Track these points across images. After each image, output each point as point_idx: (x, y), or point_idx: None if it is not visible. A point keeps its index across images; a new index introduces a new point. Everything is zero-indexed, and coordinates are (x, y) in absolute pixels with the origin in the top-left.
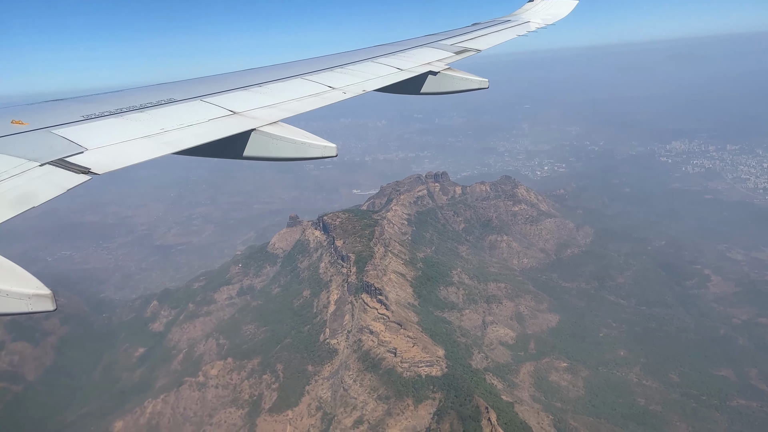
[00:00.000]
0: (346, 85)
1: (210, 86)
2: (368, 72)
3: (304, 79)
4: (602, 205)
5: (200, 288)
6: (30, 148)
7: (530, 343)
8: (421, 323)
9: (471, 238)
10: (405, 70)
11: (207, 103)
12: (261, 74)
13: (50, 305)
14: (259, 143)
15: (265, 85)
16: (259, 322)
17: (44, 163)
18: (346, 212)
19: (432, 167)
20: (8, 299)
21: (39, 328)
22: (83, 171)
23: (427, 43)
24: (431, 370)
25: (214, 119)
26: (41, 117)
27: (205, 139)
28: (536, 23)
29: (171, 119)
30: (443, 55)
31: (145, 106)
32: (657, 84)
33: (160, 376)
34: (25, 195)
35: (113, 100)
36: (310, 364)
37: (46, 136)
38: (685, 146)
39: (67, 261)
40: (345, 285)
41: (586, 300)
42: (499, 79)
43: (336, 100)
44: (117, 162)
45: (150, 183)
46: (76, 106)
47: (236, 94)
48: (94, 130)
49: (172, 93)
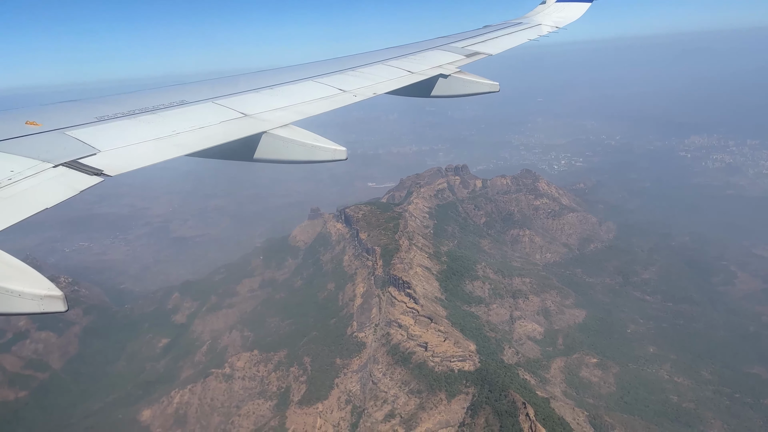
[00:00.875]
0: (357, 88)
1: (221, 88)
2: (379, 75)
3: (315, 81)
4: (622, 199)
5: (222, 280)
6: (44, 149)
7: (558, 339)
8: (450, 317)
9: (492, 232)
10: (415, 73)
11: (218, 105)
12: (272, 76)
13: (61, 306)
14: (270, 146)
15: (276, 87)
16: (284, 314)
17: (58, 164)
18: (368, 205)
19: (446, 160)
20: (21, 300)
21: (63, 318)
22: (96, 173)
23: (437, 45)
24: (464, 364)
25: (226, 121)
26: (55, 118)
27: (216, 141)
28: (548, 26)
29: (183, 121)
30: (454, 58)
31: (157, 108)
32: (672, 78)
33: (184, 366)
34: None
35: (126, 102)
36: (338, 358)
37: (59, 137)
38: (704, 141)
39: (84, 252)
40: (371, 278)
41: (611, 296)
42: (510, 72)
43: (347, 103)
44: (129, 164)
45: (163, 175)
46: (89, 108)
47: (247, 96)
48: (106, 131)
49: (184, 95)
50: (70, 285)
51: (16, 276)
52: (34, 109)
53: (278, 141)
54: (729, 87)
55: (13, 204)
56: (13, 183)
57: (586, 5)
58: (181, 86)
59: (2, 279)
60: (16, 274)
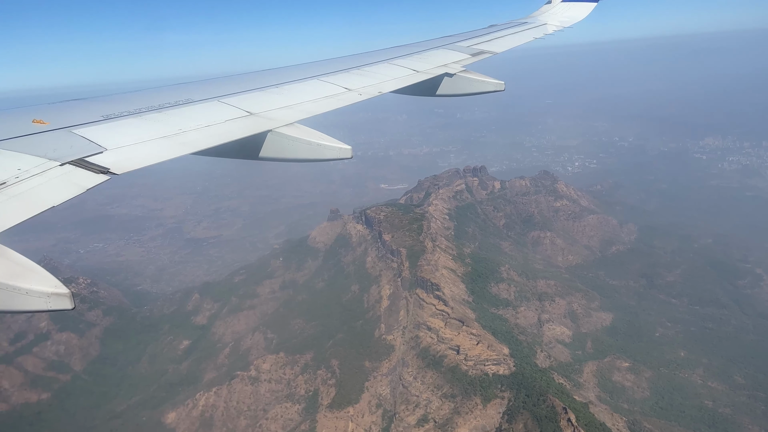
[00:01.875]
0: (362, 87)
1: (227, 87)
2: (384, 73)
3: (321, 80)
4: (640, 201)
5: (242, 281)
6: (50, 147)
7: (587, 342)
8: (479, 320)
9: (513, 234)
10: (421, 72)
11: (224, 104)
12: (278, 75)
13: (68, 304)
14: (275, 144)
15: (282, 86)
16: (307, 316)
17: (64, 162)
18: (389, 206)
19: (458, 162)
20: (28, 297)
21: (83, 320)
22: (102, 171)
23: (443, 45)
24: (498, 368)
25: (231, 120)
26: (62, 116)
27: (222, 140)
28: (553, 26)
29: (189, 120)
30: (459, 57)
31: (163, 107)
32: (681, 79)
33: (207, 369)
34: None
35: (132, 100)
36: (367, 360)
37: (66, 135)
38: (719, 142)
39: (99, 253)
40: (398, 280)
41: (636, 299)
42: (518, 74)
43: (352, 101)
44: (135, 162)
45: (175, 176)
46: (95, 106)
47: (253, 95)
48: (113, 130)
49: (189, 93)
50: (89, 286)
51: (23, 274)
52: (41, 108)
53: (284, 139)
54: (738, 88)
55: (21, 202)
56: (21, 181)
57: (592, 5)
58: (186, 85)
59: (10, 277)
60: (24, 272)
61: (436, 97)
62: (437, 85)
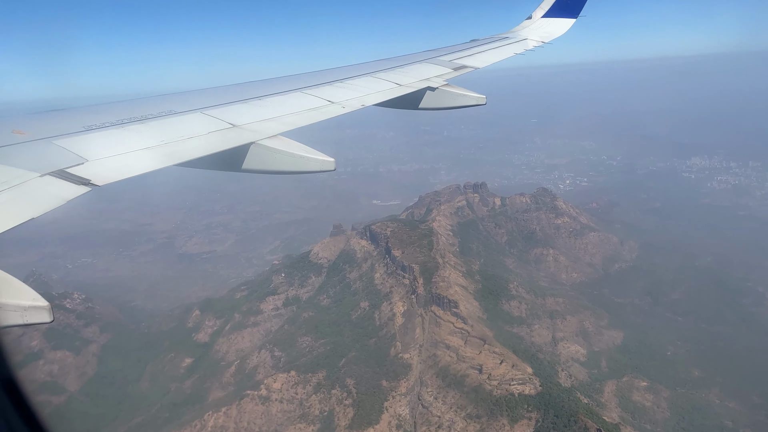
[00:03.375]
0: (346, 100)
1: (210, 98)
2: (367, 87)
3: (304, 93)
4: (636, 219)
5: (243, 298)
6: (30, 158)
7: (602, 361)
8: (497, 338)
9: (515, 251)
10: (404, 85)
11: (207, 116)
12: (261, 87)
13: (47, 317)
14: (259, 156)
15: (265, 98)
16: (316, 334)
17: (44, 173)
18: (394, 221)
19: (449, 179)
20: (4, 312)
21: (79, 337)
22: (83, 182)
23: (425, 59)
24: (524, 388)
25: (214, 132)
26: (42, 127)
27: (205, 151)
28: (534, 41)
29: (172, 131)
30: (441, 71)
31: (146, 118)
32: (662, 100)
33: (212, 387)
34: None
35: (114, 111)
36: (384, 380)
37: (46, 146)
38: (706, 162)
39: (88, 268)
40: (412, 297)
41: (642, 317)
42: (503, 93)
43: (335, 114)
44: (117, 174)
45: (163, 191)
46: (77, 117)
47: (236, 107)
48: (95, 141)
49: (172, 105)
50: (84, 302)
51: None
52: (22, 118)
53: (266, 151)
54: (717, 109)
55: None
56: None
57: (571, 21)
58: (169, 96)
59: None
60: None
61: (419, 110)
62: (420, 98)
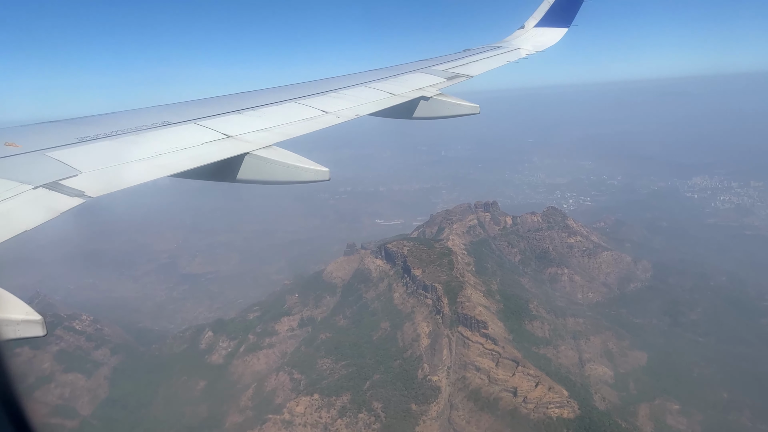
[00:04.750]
0: (339, 110)
1: (204, 109)
2: (361, 96)
3: (298, 103)
4: (645, 238)
5: (257, 318)
6: (23, 170)
7: (629, 383)
8: (528, 360)
9: (529, 271)
10: (397, 95)
11: (201, 127)
12: (254, 98)
13: (40, 331)
14: (253, 167)
15: (259, 108)
16: (336, 355)
17: (37, 186)
18: (410, 240)
19: (451, 198)
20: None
21: (90, 359)
22: (77, 194)
23: (419, 68)
24: (562, 411)
25: (208, 142)
26: (35, 139)
27: (199, 162)
28: (527, 50)
29: (165, 142)
30: (435, 80)
31: (139, 129)
32: (655, 121)
33: (229, 411)
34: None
35: (108, 123)
36: (413, 403)
37: (39, 158)
38: (707, 182)
39: (91, 289)
40: (437, 317)
41: (663, 337)
42: (497, 114)
43: (329, 124)
44: (111, 185)
45: (161, 210)
46: (70, 129)
47: (230, 118)
48: (88, 152)
49: (166, 116)
50: (93, 323)
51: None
52: (14, 130)
53: (261, 162)
54: (711, 130)
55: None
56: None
57: (563, 30)
58: (163, 107)
59: None
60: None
61: (413, 119)
62: (414, 108)
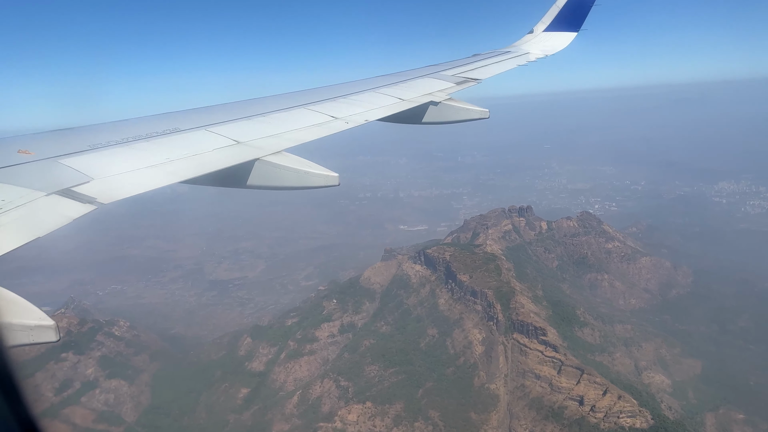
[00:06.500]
0: (349, 115)
1: (214, 116)
2: (370, 102)
3: (307, 108)
4: (679, 243)
5: (295, 325)
6: (36, 177)
7: (688, 392)
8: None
9: (567, 276)
10: (407, 100)
11: (212, 133)
12: (264, 104)
13: (53, 336)
14: (263, 172)
15: (269, 114)
16: (383, 362)
17: (50, 193)
18: (450, 246)
19: (473, 204)
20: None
21: (130, 365)
22: (89, 201)
23: (428, 73)
24: (634, 421)
25: (219, 149)
26: (48, 147)
27: (209, 168)
28: (536, 54)
29: (176, 148)
30: (444, 85)
31: (150, 136)
32: (673, 126)
33: (275, 419)
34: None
35: (119, 130)
36: (472, 412)
37: (52, 165)
38: (734, 187)
39: (119, 295)
40: (491, 324)
41: (713, 345)
42: (511, 120)
43: (339, 129)
44: (123, 191)
45: (183, 217)
46: (82, 136)
47: (240, 124)
48: (100, 159)
49: (177, 122)
50: (130, 329)
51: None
52: (27, 138)
53: (271, 167)
54: (731, 135)
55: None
56: (4, 212)
57: (573, 34)
58: (174, 114)
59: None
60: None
61: (422, 124)
62: (423, 113)
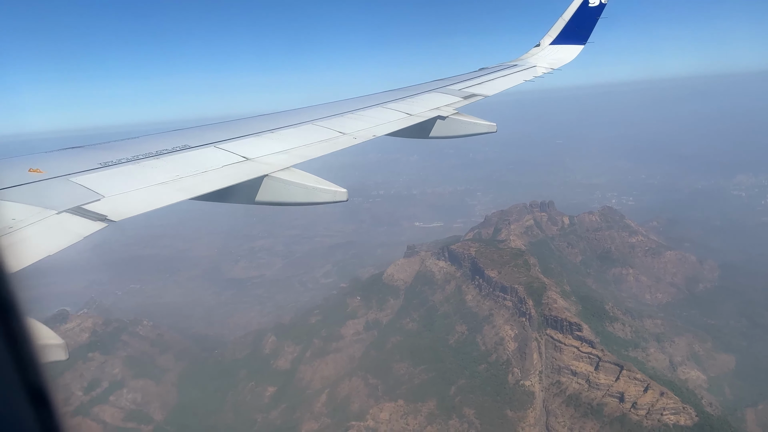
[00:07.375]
0: (357, 131)
1: (223, 132)
2: (378, 117)
3: (315, 124)
4: (701, 237)
5: (319, 322)
6: (47, 196)
7: (724, 388)
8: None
9: (592, 271)
10: (414, 115)
11: (220, 150)
12: (273, 120)
13: (62, 355)
14: (272, 189)
15: (277, 131)
16: (412, 360)
17: (61, 211)
18: (474, 242)
19: (487, 200)
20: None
21: (156, 365)
22: (100, 218)
23: (435, 88)
24: (678, 418)
25: (228, 165)
26: (58, 165)
27: (219, 185)
28: (543, 68)
29: (186, 166)
30: (451, 100)
31: (160, 153)
32: (686, 120)
33: (304, 418)
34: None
35: (129, 147)
36: (508, 409)
37: (63, 184)
38: (752, 180)
39: (138, 295)
40: (523, 320)
41: (745, 340)
42: (521, 116)
43: (347, 145)
44: (134, 209)
45: (195, 216)
46: (92, 154)
47: (249, 140)
48: (110, 177)
49: (186, 139)
50: (154, 329)
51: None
52: (38, 157)
53: (279, 183)
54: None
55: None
56: (15, 231)
57: (580, 47)
58: (183, 131)
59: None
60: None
61: (429, 138)
62: (430, 127)
